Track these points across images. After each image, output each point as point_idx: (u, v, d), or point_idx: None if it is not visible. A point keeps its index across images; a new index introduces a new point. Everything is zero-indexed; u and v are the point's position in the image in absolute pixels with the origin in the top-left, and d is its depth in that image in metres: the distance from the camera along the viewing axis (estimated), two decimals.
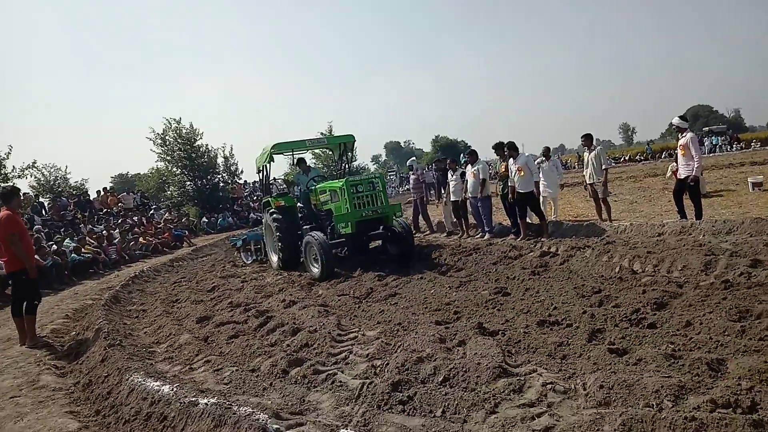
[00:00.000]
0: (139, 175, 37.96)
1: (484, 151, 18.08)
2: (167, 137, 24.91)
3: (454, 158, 13.21)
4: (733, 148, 38.30)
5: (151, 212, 22.87)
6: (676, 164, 8.95)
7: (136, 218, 20.35)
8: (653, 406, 2.91)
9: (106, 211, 21.42)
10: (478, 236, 10.72)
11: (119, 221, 19.01)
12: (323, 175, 13.72)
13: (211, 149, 26.33)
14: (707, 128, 50.93)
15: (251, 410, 3.20)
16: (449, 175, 11.33)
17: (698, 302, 4.75)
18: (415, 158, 14.68)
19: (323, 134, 29.37)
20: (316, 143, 11.58)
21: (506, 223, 10.66)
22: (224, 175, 27.49)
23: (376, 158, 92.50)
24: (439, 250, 9.45)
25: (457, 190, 10.94)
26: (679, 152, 8.43)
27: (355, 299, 6.69)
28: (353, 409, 3.50)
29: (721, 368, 3.34)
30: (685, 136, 8.24)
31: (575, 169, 35.58)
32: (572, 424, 2.90)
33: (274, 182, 18.16)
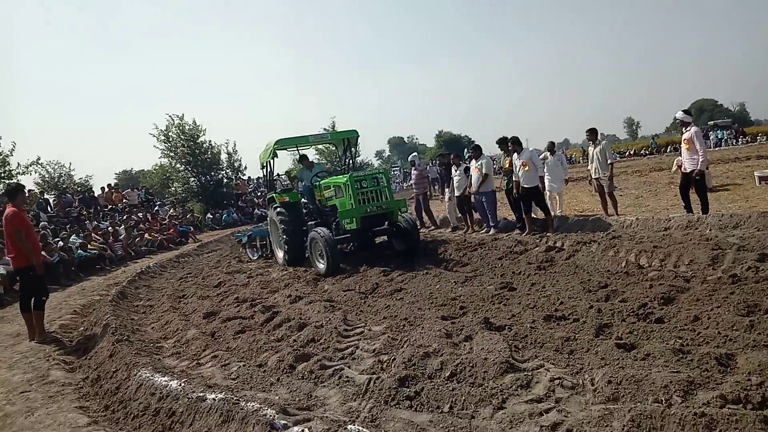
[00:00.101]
0: (143, 171, 38.12)
1: (488, 146, 18.00)
2: (170, 133, 24.96)
3: (457, 153, 13.18)
4: (738, 141, 38.08)
5: (155, 208, 22.93)
6: (681, 158, 8.90)
7: (141, 214, 20.39)
8: (662, 401, 2.90)
9: (111, 207, 21.48)
10: (483, 231, 10.71)
11: (124, 217, 19.06)
12: (327, 170, 13.72)
13: (214, 145, 26.41)
14: (712, 122, 50.76)
15: (259, 405, 3.21)
16: (453, 170, 11.30)
17: (706, 297, 4.73)
18: (416, 153, 14.62)
19: (326, 130, 29.34)
20: (319, 139, 11.55)
21: (511, 218, 10.65)
22: (228, 171, 27.54)
23: (379, 153, 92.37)
24: (444, 245, 9.44)
25: (461, 185, 10.93)
26: (683, 146, 8.38)
27: (360, 294, 6.70)
28: (360, 404, 3.50)
29: (730, 363, 3.32)
30: (689, 130, 8.19)
31: (580, 163, 35.46)
32: (580, 419, 2.89)
33: (278, 178, 18.16)
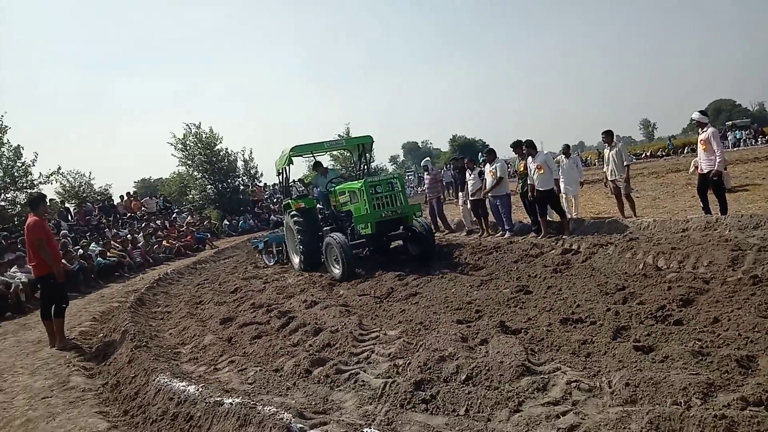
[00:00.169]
0: (161, 179, 38.59)
1: (502, 149, 17.94)
2: (188, 142, 25.26)
3: (471, 157, 13.16)
4: (757, 141, 37.40)
5: (173, 216, 23.19)
6: (698, 159, 8.79)
7: (159, 222, 20.65)
8: (681, 403, 2.86)
9: (129, 215, 21.79)
10: (498, 235, 10.66)
11: (143, 225, 19.31)
12: (342, 176, 13.77)
13: (231, 153, 26.66)
14: (730, 122, 49.92)
15: (275, 410, 3.23)
16: (467, 174, 11.28)
17: (726, 298, 4.66)
18: (429, 159, 14.65)
19: (341, 136, 29.46)
20: (334, 145, 11.61)
21: (526, 221, 10.59)
22: (244, 178, 27.78)
23: (394, 159, 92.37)
24: (459, 249, 9.41)
25: (475, 188, 10.90)
26: (700, 147, 8.27)
27: (376, 299, 6.70)
28: (376, 408, 3.51)
29: (751, 365, 3.27)
30: (705, 130, 8.09)
31: (595, 166, 35.13)
32: (598, 422, 2.87)
33: (293, 184, 18.26)
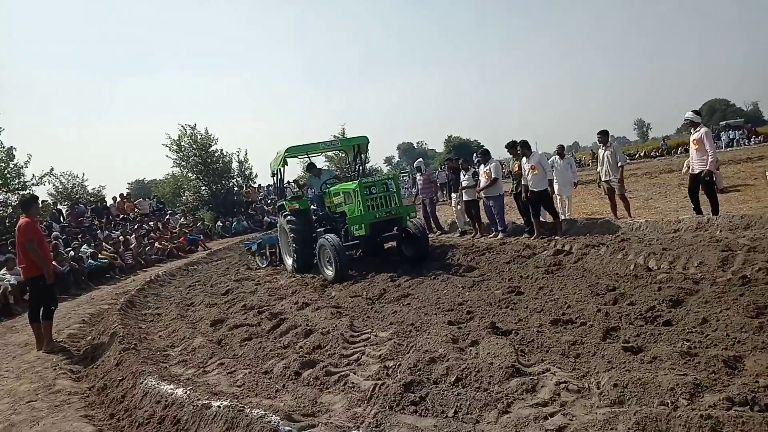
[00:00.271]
0: (155, 181, 38.43)
1: (497, 150, 17.97)
2: (182, 143, 25.18)
3: (466, 158, 13.17)
4: (751, 141, 37.62)
5: (166, 217, 23.10)
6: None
7: (152, 223, 20.55)
8: (668, 404, 2.85)
9: (122, 217, 21.67)
10: (491, 236, 10.67)
11: (135, 227, 19.21)
12: (337, 176, 13.74)
13: (225, 154, 26.58)
14: (724, 122, 50.24)
15: (263, 412, 3.20)
16: (461, 174, 11.28)
17: (715, 299, 4.67)
18: (422, 159, 14.66)
19: (336, 137, 29.42)
20: (329, 146, 11.58)
21: (519, 222, 10.59)
22: (239, 179, 27.71)
23: (389, 159, 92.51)
24: (452, 250, 9.40)
25: (469, 189, 10.90)
26: (692, 147, 8.29)
27: (367, 300, 6.69)
28: (365, 410, 3.48)
29: (738, 365, 3.27)
30: (698, 130, 8.11)
31: (589, 166, 35.25)
32: (585, 423, 2.86)
33: (288, 185, 18.24)
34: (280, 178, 11.01)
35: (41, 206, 13.21)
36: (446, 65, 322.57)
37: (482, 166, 10.49)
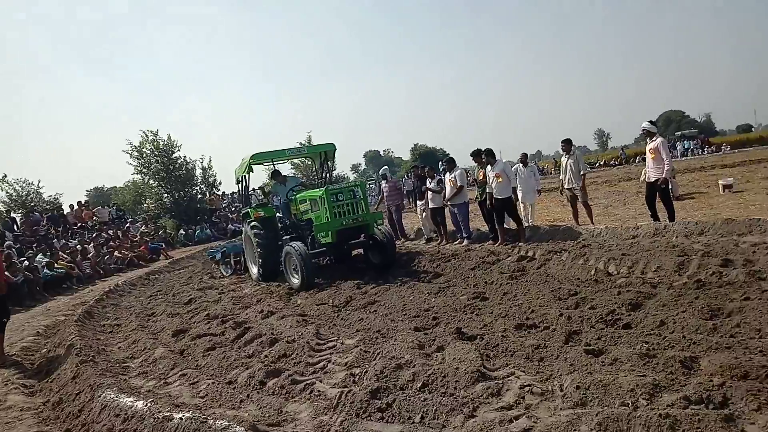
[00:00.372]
0: (115, 188, 37.42)
1: (462, 158, 18.18)
2: (144, 150, 24.59)
3: (432, 166, 13.27)
4: (704, 151, 39.17)
5: (127, 225, 22.49)
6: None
7: (111, 232, 19.97)
8: (629, 404, 2.93)
9: (80, 225, 20.98)
10: (456, 243, 10.76)
11: (94, 235, 18.63)
12: (303, 184, 13.62)
13: (189, 161, 26.06)
14: (679, 132, 52.11)
15: (227, 423, 3.15)
16: (428, 182, 11.37)
17: (672, 302, 4.83)
18: (387, 167, 14.69)
19: (303, 144, 29.25)
20: (296, 152, 11.49)
21: (484, 229, 10.72)
22: (202, 186, 27.20)
23: (355, 167, 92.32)
24: (418, 256, 9.45)
25: (435, 197, 10.99)
26: (648, 156, 8.55)
27: (334, 308, 6.65)
28: (332, 418, 3.45)
29: (693, 365, 3.38)
30: (654, 140, 8.39)
31: (552, 174, 35.99)
32: (549, 425, 2.90)
33: (253, 193, 18.01)
34: (245, 185, 10.88)
35: None
36: (411, 65, 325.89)
37: (447, 174, 10.60)
